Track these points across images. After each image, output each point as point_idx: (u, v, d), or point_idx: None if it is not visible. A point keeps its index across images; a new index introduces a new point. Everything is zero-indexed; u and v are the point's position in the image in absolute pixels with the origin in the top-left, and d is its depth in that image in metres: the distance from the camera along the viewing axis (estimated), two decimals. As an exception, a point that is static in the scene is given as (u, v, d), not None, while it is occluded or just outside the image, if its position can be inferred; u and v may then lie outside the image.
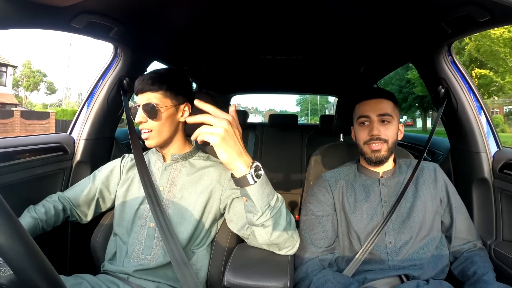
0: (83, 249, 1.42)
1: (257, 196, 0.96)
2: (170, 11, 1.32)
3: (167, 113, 1.23)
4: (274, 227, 1.03)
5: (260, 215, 0.99)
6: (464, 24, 1.18)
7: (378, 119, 1.27)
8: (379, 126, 1.26)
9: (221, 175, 1.27)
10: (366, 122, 1.30)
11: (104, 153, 1.80)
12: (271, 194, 1.00)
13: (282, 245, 1.10)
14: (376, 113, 1.28)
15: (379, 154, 1.26)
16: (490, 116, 1.52)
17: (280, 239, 1.06)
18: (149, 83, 1.21)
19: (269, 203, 0.99)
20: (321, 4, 1.26)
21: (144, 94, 1.22)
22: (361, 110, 1.32)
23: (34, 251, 0.51)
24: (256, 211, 0.98)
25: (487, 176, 1.46)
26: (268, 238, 1.05)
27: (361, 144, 1.31)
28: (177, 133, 1.31)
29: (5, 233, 0.48)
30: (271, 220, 1.01)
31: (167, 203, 1.24)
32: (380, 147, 1.26)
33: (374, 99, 1.31)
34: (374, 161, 1.28)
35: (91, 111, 1.68)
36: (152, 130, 1.22)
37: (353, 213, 1.27)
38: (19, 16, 1.01)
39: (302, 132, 3.44)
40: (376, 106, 1.29)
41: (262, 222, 1.00)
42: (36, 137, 1.52)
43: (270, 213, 0.99)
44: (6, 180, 1.29)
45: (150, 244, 1.20)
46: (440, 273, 1.21)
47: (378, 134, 1.25)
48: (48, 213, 1.26)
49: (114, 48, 1.65)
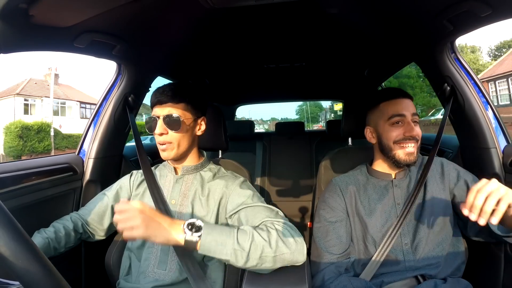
0: (97, 268, 1.41)
1: (216, 243, 0.97)
2: (172, 25, 1.33)
3: (187, 126, 1.23)
4: (257, 258, 0.99)
5: (237, 259, 0.97)
6: (466, 20, 1.18)
7: (412, 118, 1.25)
8: (414, 126, 1.25)
9: (227, 186, 1.26)
10: (400, 122, 1.26)
11: (114, 171, 1.81)
12: (231, 233, 0.99)
13: (280, 262, 1.04)
14: (410, 112, 1.26)
15: (413, 157, 1.24)
16: (497, 111, 1.50)
17: (268, 262, 1.01)
18: (170, 95, 1.20)
19: (235, 242, 0.98)
20: (322, 10, 1.27)
21: (165, 105, 1.21)
22: (393, 109, 1.28)
23: (51, 273, 0.51)
24: (230, 259, 0.98)
25: (498, 171, 1.44)
26: (260, 266, 1.01)
27: (391, 143, 1.26)
28: (193, 146, 1.31)
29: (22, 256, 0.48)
30: (252, 255, 0.98)
31: (179, 216, 1.23)
32: (414, 148, 1.24)
33: (406, 99, 1.29)
34: (408, 163, 1.24)
35: (98, 130, 1.68)
36: (172, 142, 1.22)
37: (369, 216, 1.26)
38: (21, 39, 1.02)
39: (309, 138, 3.43)
40: (409, 105, 1.27)
41: (243, 262, 0.98)
42: (45, 159, 1.53)
43: (244, 253, 0.97)
44: (18, 203, 1.30)
45: (165, 259, 1.20)
46: (456, 271, 1.20)
47: (417, 134, 1.23)
48: (58, 233, 1.25)
49: (117, 66, 1.66)
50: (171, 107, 1.21)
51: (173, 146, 1.22)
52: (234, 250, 0.97)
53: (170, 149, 1.22)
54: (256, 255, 0.98)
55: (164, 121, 1.19)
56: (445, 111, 1.55)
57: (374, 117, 1.35)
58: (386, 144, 1.28)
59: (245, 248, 0.97)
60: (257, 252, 0.98)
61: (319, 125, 43.97)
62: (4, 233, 0.47)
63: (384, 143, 1.29)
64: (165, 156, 1.24)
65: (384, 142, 1.29)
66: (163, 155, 1.24)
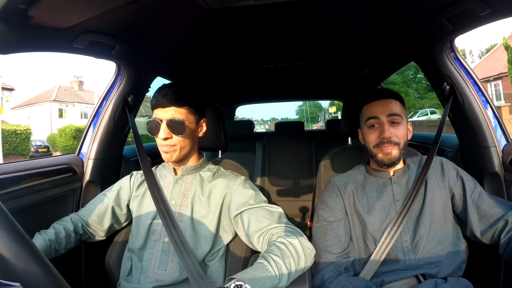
0: (98, 268, 1.41)
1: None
2: (171, 26, 1.33)
3: (191, 129, 1.23)
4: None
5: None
6: (465, 19, 1.18)
7: (388, 120, 1.25)
8: (389, 127, 1.24)
9: (228, 185, 1.27)
10: (376, 124, 1.27)
11: (113, 172, 1.81)
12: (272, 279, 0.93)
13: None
14: (385, 114, 1.25)
15: (391, 156, 1.24)
16: (496, 109, 1.51)
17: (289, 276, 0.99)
18: (173, 98, 1.18)
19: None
20: (321, 10, 1.27)
21: (168, 109, 1.19)
22: (369, 111, 1.29)
23: (52, 274, 0.51)
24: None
25: (498, 170, 1.44)
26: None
27: (371, 147, 1.28)
28: (195, 147, 1.31)
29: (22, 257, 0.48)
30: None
31: (179, 217, 1.23)
32: (391, 148, 1.23)
33: (382, 100, 1.28)
34: (387, 163, 1.25)
35: (97, 131, 1.68)
36: (175, 145, 1.21)
37: (368, 214, 1.26)
38: (21, 40, 1.02)
39: (309, 138, 3.43)
40: (385, 107, 1.26)
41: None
42: (45, 160, 1.53)
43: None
44: (18, 204, 1.30)
45: (166, 259, 1.20)
46: (457, 269, 1.20)
47: (389, 137, 1.23)
48: (59, 234, 1.25)
49: (117, 66, 1.66)
50: (174, 110, 1.19)
51: (176, 149, 1.21)
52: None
53: (173, 152, 1.21)
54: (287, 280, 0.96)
55: (167, 125, 1.18)
56: (444, 110, 1.55)
57: (360, 120, 1.37)
58: (368, 147, 1.31)
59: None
60: (289, 279, 0.97)
61: (318, 125, 44.71)
62: (4, 234, 0.47)
63: (367, 146, 1.32)
64: (168, 159, 1.24)
65: (367, 145, 1.32)
66: (166, 157, 1.24)
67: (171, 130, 1.18)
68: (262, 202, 1.21)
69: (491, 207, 1.20)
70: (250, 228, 1.15)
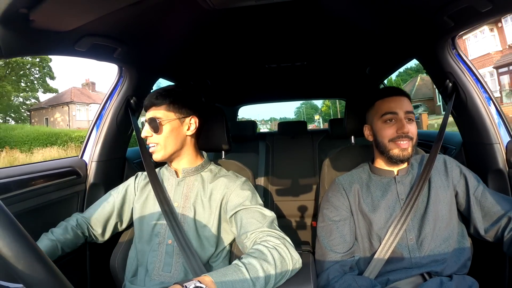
0: (102, 270, 1.42)
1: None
2: (172, 27, 1.34)
3: (170, 127, 1.25)
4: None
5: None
6: (466, 16, 1.18)
7: (405, 116, 1.26)
8: (406, 123, 1.25)
9: (228, 186, 1.27)
10: (393, 119, 1.28)
11: (117, 174, 1.81)
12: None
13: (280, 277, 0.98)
14: (403, 110, 1.27)
15: (407, 152, 1.24)
16: (500, 106, 1.50)
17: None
18: (153, 98, 1.25)
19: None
20: (321, 9, 1.26)
21: (150, 109, 1.27)
22: (386, 107, 1.29)
23: (56, 275, 0.51)
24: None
25: (502, 167, 1.44)
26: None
27: (386, 141, 1.28)
28: (184, 146, 1.31)
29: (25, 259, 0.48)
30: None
31: (182, 218, 1.24)
32: (407, 145, 1.24)
33: (399, 96, 1.30)
34: (402, 159, 1.25)
35: (100, 133, 1.69)
36: (158, 144, 1.24)
37: (373, 213, 1.26)
38: (22, 44, 1.02)
39: (312, 137, 3.42)
40: (403, 104, 1.28)
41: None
42: (49, 163, 1.53)
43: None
44: (23, 207, 1.30)
45: (170, 261, 1.20)
46: (462, 267, 1.19)
47: (408, 132, 1.24)
48: (66, 234, 1.26)
49: (119, 69, 1.67)
50: (153, 110, 1.26)
51: (160, 148, 1.25)
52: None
53: (157, 151, 1.25)
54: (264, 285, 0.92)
55: (148, 124, 1.24)
56: (447, 107, 1.55)
57: (371, 115, 1.37)
58: (381, 141, 1.30)
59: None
60: (266, 284, 0.92)
61: (313, 125, 46.76)
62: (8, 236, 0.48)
63: (379, 140, 1.31)
64: (155, 158, 1.27)
65: (379, 140, 1.31)
66: (153, 157, 1.28)
67: (151, 129, 1.23)
68: (257, 204, 1.20)
69: (494, 204, 1.20)
70: (241, 229, 1.15)
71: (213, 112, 1.49)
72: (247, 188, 1.26)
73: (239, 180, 1.28)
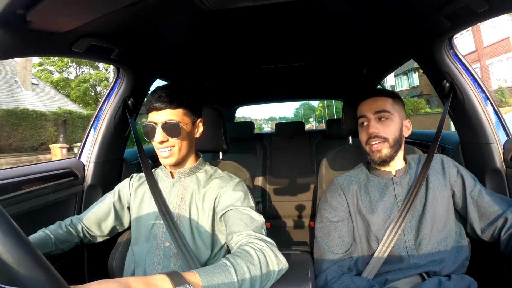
0: (100, 272, 1.41)
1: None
2: (170, 28, 1.33)
3: (187, 130, 1.22)
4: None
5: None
6: (463, 16, 1.18)
7: (374, 117, 1.27)
8: (376, 124, 1.26)
9: (221, 186, 1.25)
10: (365, 123, 1.30)
11: (114, 175, 1.81)
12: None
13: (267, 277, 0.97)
14: (372, 111, 1.28)
15: (381, 154, 1.26)
16: (497, 106, 1.50)
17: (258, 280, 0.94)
18: (167, 100, 1.16)
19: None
20: (318, 10, 1.27)
21: (162, 111, 1.17)
22: (360, 111, 1.34)
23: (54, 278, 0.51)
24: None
25: (499, 167, 1.44)
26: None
27: (364, 145, 1.31)
28: (192, 149, 1.30)
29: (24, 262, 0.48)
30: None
31: (178, 220, 1.23)
32: (380, 146, 1.25)
33: (371, 98, 1.32)
34: (377, 161, 1.27)
35: (98, 134, 1.68)
36: (173, 148, 1.20)
37: (371, 214, 1.26)
38: (19, 45, 1.02)
39: (309, 138, 3.42)
40: (372, 105, 1.29)
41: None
42: (46, 164, 1.53)
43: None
44: (20, 209, 1.30)
45: (168, 264, 1.19)
46: (460, 267, 1.20)
47: (374, 132, 1.25)
48: (59, 230, 1.24)
49: (116, 70, 1.67)
50: (169, 113, 1.18)
51: (174, 152, 1.20)
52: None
53: (173, 155, 1.21)
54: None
55: (163, 128, 1.17)
56: (444, 107, 1.55)
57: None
58: (362, 145, 1.34)
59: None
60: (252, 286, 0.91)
61: (310, 125, 47.90)
62: (6, 239, 0.47)
63: (361, 144, 1.35)
64: (167, 163, 1.22)
65: (361, 144, 1.35)
66: (165, 162, 1.22)
67: (166, 133, 1.17)
68: (248, 207, 1.18)
69: (490, 204, 1.20)
70: (228, 229, 1.14)
71: (211, 113, 1.49)
72: (240, 189, 1.24)
73: (232, 181, 1.27)
